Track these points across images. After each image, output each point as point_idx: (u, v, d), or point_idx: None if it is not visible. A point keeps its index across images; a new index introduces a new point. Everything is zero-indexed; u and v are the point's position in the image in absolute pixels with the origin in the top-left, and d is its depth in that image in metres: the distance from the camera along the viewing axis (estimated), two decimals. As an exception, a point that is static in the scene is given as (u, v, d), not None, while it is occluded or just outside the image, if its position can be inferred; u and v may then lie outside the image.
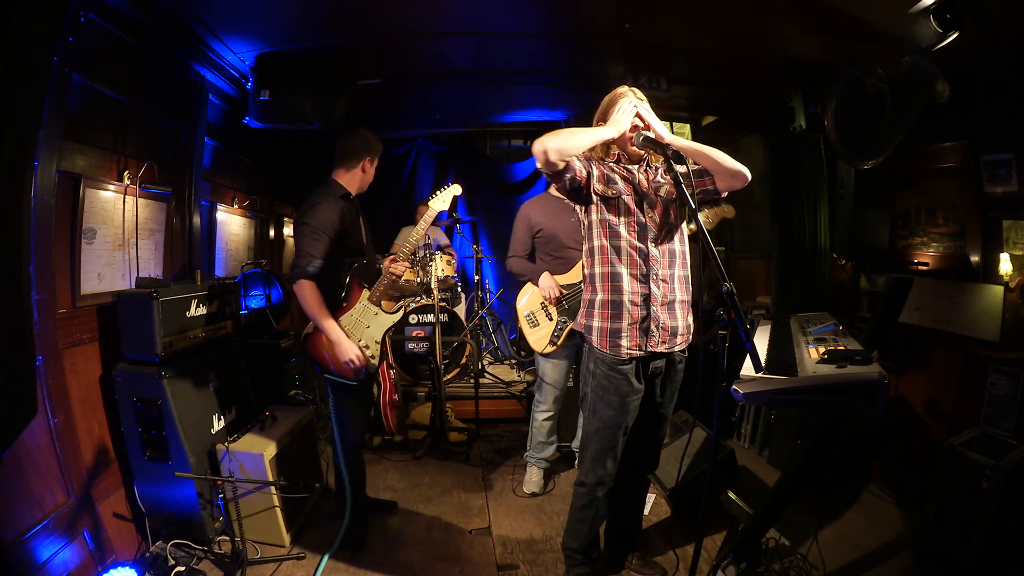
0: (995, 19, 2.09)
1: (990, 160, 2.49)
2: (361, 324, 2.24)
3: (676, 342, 1.92)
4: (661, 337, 1.87)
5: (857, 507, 2.72)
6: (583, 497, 2.03)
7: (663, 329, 1.86)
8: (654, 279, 1.85)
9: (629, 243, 1.85)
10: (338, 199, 2.24)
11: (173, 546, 2.24)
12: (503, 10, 2.69)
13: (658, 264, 1.86)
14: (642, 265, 1.85)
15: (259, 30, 2.82)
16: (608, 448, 1.93)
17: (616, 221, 1.86)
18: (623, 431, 1.92)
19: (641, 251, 1.85)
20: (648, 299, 1.85)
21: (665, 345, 1.88)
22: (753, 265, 4.46)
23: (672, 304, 1.88)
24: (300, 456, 2.63)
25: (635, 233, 1.86)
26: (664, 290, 1.86)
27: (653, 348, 1.87)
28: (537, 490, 2.94)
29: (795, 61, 2.93)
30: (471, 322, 4.20)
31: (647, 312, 1.85)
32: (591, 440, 1.96)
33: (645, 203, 1.87)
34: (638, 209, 1.86)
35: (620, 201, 1.86)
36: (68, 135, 2.08)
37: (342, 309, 2.23)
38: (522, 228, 2.88)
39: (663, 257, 1.87)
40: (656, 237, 1.86)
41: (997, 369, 2.41)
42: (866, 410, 1.65)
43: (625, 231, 1.86)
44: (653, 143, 1.74)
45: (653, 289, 1.85)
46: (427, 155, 5.67)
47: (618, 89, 1.91)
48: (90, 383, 2.25)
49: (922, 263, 2.91)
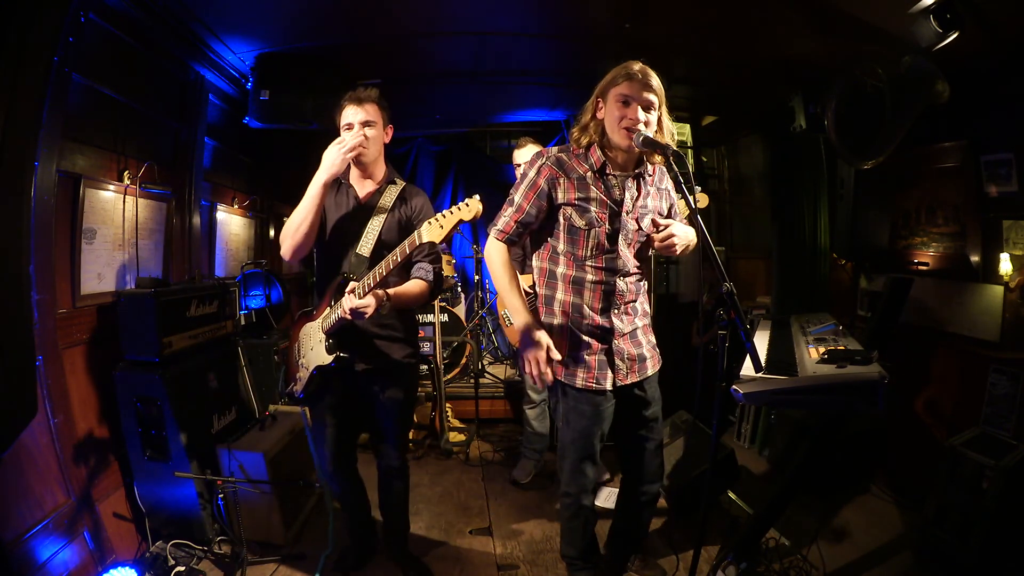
0: (995, 19, 2.09)
1: (990, 160, 2.48)
2: (307, 343, 1.98)
3: (647, 368, 1.82)
4: (629, 367, 1.77)
5: (857, 507, 2.71)
6: (570, 508, 1.93)
7: (629, 359, 1.77)
8: (616, 312, 1.74)
9: (594, 278, 1.71)
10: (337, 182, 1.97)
11: (173, 546, 2.24)
12: (503, 10, 2.69)
13: (622, 299, 1.74)
14: (606, 299, 1.72)
15: (259, 30, 2.82)
16: (585, 457, 1.82)
17: (581, 256, 1.70)
18: (599, 438, 1.81)
19: (607, 286, 1.71)
20: (611, 332, 1.74)
21: (636, 375, 1.79)
22: (753, 265, 4.46)
23: (635, 332, 1.79)
24: (300, 456, 2.62)
25: (602, 271, 1.70)
26: (627, 322, 1.76)
27: (623, 381, 1.76)
28: (523, 480, 3.02)
29: (795, 61, 2.93)
30: (471, 322, 4.20)
31: (608, 345, 1.74)
32: (567, 451, 1.84)
33: (620, 236, 1.69)
34: (608, 243, 1.68)
35: (587, 234, 1.68)
36: (68, 135, 2.08)
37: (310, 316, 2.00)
38: None
39: (629, 293, 1.75)
40: (627, 272, 1.73)
41: (997, 369, 2.41)
42: (866, 410, 1.65)
43: (592, 266, 1.70)
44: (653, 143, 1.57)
45: (616, 323, 1.74)
46: (427, 155, 5.67)
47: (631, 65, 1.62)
48: (90, 383, 2.25)
49: (922, 263, 2.91)
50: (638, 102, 1.59)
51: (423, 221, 1.72)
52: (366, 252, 1.87)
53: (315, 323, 1.94)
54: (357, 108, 1.84)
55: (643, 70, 1.61)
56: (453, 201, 5.68)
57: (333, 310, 1.86)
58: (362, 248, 1.88)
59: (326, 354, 1.88)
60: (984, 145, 2.52)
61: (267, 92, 3.02)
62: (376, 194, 1.94)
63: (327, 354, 1.87)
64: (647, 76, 1.60)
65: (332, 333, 1.88)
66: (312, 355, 1.93)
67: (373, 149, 1.88)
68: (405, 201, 1.96)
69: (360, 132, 1.84)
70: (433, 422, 3.55)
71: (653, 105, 1.61)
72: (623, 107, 1.61)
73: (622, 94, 1.61)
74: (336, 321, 1.83)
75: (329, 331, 1.87)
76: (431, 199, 5.66)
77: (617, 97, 1.62)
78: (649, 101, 1.60)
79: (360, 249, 1.88)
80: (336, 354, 1.87)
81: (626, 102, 1.60)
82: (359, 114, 1.84)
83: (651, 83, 1.60)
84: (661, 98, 1.63)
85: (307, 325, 1.98)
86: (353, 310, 1.70)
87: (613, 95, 1.63)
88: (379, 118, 1.88)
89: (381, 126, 1.90)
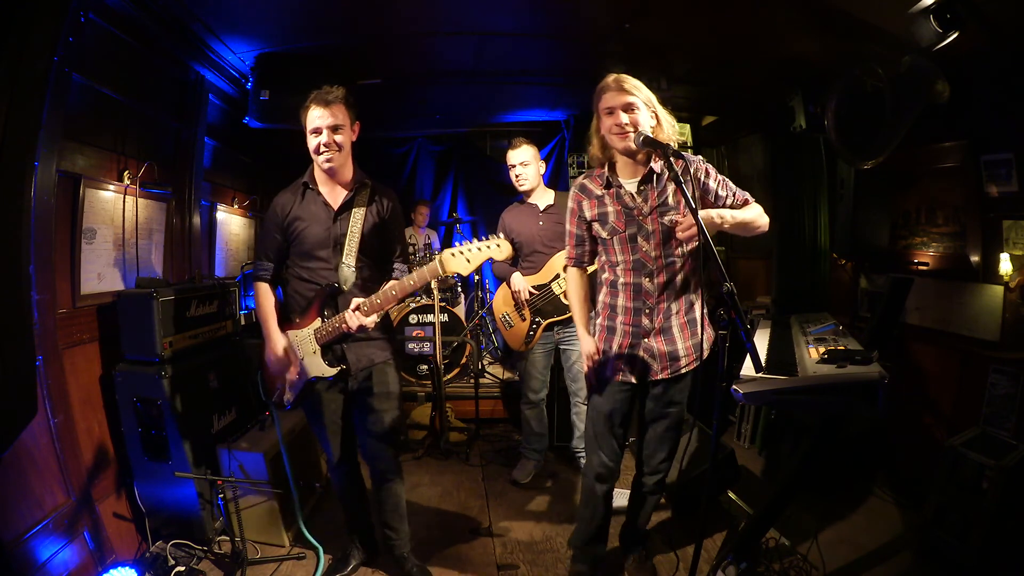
0: (995, 19, 2.09)
1: (990, 160, 2.49)
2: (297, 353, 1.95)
3: (680, 366, 1.88)
4: (661, 364, 1.86)
5: (857, 507, 2.71)
6: (585, 491, 2.08)
7: (660, 356, 1.86)
8: (646, 313, 1.84)
9: (623, 279, 1.86)
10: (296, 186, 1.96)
11: (173, 546, 2.24)
12: (503, 10, 2.69)
13: (652, 299, 1.84)
14: (635, 299, 1.85)
15: (259, 30, 2.82)
16: (599, 434, 1.97)
17: (613, 261, 1.88)
18: (613, 422, 1.94)
19: (635, 286, 1.84)
20: (639, 331, 1.85)
21: (668, 371, 1.87)
22: (753, 265, 4.46)
23: (669, 330, 1.86)
24: (300, 456, 2.62)
25: (629, 271, 1.84)
26: (658, 322, 1.84)
27: (653, 376, 1.88)
28: (523, 480, 3.02)
29: (795, 61, 2.93)
30: (471, 322, 4.20)
31: (637, 342, 1.86)
32: (588, 423, 2.04)
33: (640, 236, 1.81)
34: (631, 246, 1.82)
35: (613, 241, 1.85)
36: (68, 135, 2.08)
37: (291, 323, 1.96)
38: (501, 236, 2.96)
39: (658, 292, 1.83)
40: (653, 271, 1.82)
41: (997, 369, 2.41)
42: (866, 410, 1.65)
43: (621, 268, 1.86)
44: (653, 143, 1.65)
45: (644, 323, 1.85)
46: (427, 155, 5.67)
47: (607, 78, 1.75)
48: (90, 383, 2.25)
49: (922, 263, 2.91)
50: (619, 107, 1.71)
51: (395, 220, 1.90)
52: (351, 262, 1.88)
53: (303, 332, 1.91)
54: (324, 110, 1.81)
55: (616, 78, 1.73)
56: (453, 201, 5.70)
57: (328, 322, 1.85)
58: (347, 258, 1.88)
59: (326, 367, 1.89)
60: (984, 145, 2.52)
61: (267, 92, 3.03)
62: (350, 200, 1.92)
63: (328, 367, 1.89)
64: (620, 82, 1.72)
65: (328, 345, 1.88)
66: (303, 366, 1.92)
67: (343, 153, 1.87)
68: (378, 202, 1.96)
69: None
70: (433, 422, 3.55)
71: (633, 105, 1.70)
72: (609, 117, 1.74)
73: (605, 107, 1.74)
74: (333, 333, 1.83)
75: (325, 343, 1.87)
76: (431, 199, 5.75)
77: (603, 112, 1.75)
78: (627, 103, 1.70)
79: (346, 259, 1.88)
80: (340, 368, 1.90)
81: (610, 112, 1.73)
82: (327, 118, 1.80)
83: (624, 86, 1.71)
84: (642, 94, 1.72)
85: (290, 333, 1.94)
86: (361, 327, 1.75)
87: (601, 111, 1.76)
88: (347, 119, 1.85)
89: (349, 127, 1.87)
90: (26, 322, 1.74)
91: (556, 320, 2.83)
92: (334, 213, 1.91)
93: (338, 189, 1.94)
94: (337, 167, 1.87)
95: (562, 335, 2.86)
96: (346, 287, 1.86)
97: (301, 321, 1.93)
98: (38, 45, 1.71)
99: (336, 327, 1.82)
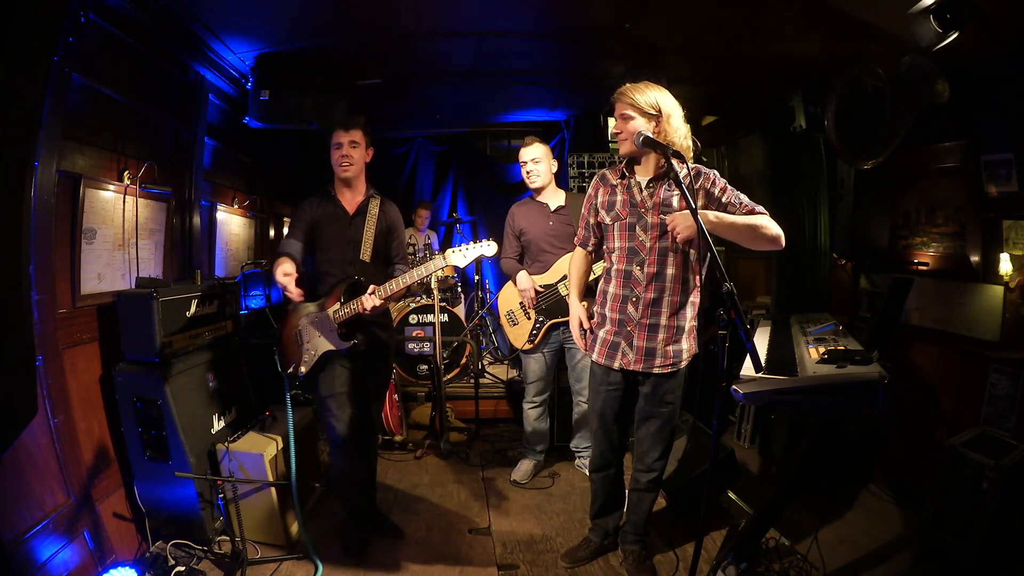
0: (995, 19, 2.09)
1: (990, 160, 2.49)
2: (313, 331, 2.23)
3: (653, 363, 1.97)
4: (636, 356, 1.98)
5: (857, 507, 2.72)
6: (590, 468, 2.32)
7: (637, 348, 1.97)
8: (632, 301, 1.97)
9: (617, 266, 2.01)
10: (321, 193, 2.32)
11: (173, 546, 2.24)
12: (503, 10, 2.69)
13: (640, 287, 1.95)
14: (624, 286, 1.99)
15: (259, 30, 2.82)
16: (594, 429, 2.20)
17: (611, 247, 2.04)
18: (606, 419, 2.13)
19: (626, 273, 1.98)
20: (624, 318, 1.99)
21: (640, 365, 1.98)
22: (753, 265, 4.46)
23: (654, 327, 1.95)
24: (300, 456, 2.61)
25: (623, 258, 1.99)
26: (642, 313, 1.95)
27: (627, 366, 2.00)
28: (522, 480, 3.04)
29: (795, 61, 2.93)
30: (471, 322, 4.20)
31: (620, 329, 2.00)
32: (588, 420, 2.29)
33: (639, 226, 1.95)
34: (628, 233, 1.97)
35: (614, 227, 2.00)
36: (68, 135, 2.08)
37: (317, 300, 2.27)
38: (508, 231, 3.02)
39: (646, 281, 1.94)
40: (643, 260, 1.94)
41: (997, 369, 2.41)
42: (866, 410, 1.65)
43: (616, 255, 2.02)
44: (652, 143, 1.76)
45: (630, 310, 1.97)
46: (427, 155, 5.68)
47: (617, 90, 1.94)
48: (90, 383, 2.25)
49: (922, 263, 2.91)
50: (618, 117, 1.93)
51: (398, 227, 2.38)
52: (367, 257, 2.28)
53: (324, 314, 2.22)
54: (345, 132, 2.22)
55: (619, 91, 1.91)
56: (453, 201, 5.74)
57: (345, 305, 2.18)
58: (364, 254, 2.28)
59: (341, 341, 2.20)
60: (984, 145, 2.52)
61: (267, 92, 3.03)
62: (363, 206, 2.30)
63: (343, 341, 2.20)
64: (620, 94, 1.90)
65: (345, 324, 2.20)
66: (320, 341, 2.22)
67: (357, 166, 2.26)
68: (385, 212, 2.36)
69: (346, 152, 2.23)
70: (433, 422, 3.55)
71: (627, 114, 1.88)
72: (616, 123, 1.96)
73: (616, 115, 1.94)
74: (351, 314, 2.15)
75: (342, 322, 2.20)
76: (431, 199, 5.78)
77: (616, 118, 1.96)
78: (622, 113, 1.90)
79: (363, 255, 2.27)
80: (353, 341, 2.22)
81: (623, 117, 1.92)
82: (347, 135, 2.22)
83: (622, 97, 1.89)
84: (638, 104, 1.85)
85: (311, 315, 2.24)
86: (375, 308, 2.10)
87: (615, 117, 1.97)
88: (363, 140, 2.26)
89: (364, 147, 2.28)
90: (26, 322, 1.74)
91: (561, 320, 2.83)
92: (350, 217, 2.28)
93: (354, 197, 2.32)
94: (352, 177, 2.27)
95: (566, 335, 2.86)
96: (360, 278, 2.22)
97: (324, 302, 2.23)
98: (38, 45, 1.71)
99: (353, 309, 2.15)
